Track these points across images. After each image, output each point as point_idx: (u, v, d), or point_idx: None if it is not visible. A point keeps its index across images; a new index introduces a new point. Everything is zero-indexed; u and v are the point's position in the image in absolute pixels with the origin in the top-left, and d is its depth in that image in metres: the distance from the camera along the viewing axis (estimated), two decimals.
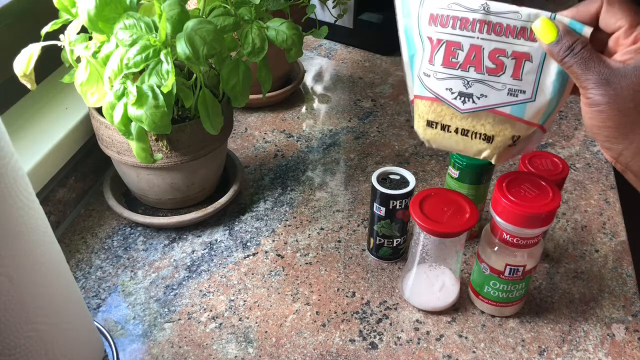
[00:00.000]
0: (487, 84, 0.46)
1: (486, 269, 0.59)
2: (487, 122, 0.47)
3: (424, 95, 0.49)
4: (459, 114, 0.48)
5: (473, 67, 0.46)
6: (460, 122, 0.48)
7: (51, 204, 0.70)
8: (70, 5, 0.59)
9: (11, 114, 0.71)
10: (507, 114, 0.46)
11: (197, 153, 0.67)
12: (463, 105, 0.47)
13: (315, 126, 0.92)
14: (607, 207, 0.76)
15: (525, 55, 0.44)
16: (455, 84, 0.47)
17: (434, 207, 0.57)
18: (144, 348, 0.58)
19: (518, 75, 0.45)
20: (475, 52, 0.45)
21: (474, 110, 0.47)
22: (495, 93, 0.46)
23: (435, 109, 0.49)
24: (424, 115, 0.49)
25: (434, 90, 0.48)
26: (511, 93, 0.45)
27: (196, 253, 0.69)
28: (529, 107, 0.46)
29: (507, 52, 0.44)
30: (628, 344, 0.59)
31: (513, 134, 0.47)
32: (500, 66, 0.45)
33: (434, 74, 0.47)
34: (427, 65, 0.48)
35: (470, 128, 0.48)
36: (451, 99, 0.47)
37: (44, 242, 0.44)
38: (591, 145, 0.88)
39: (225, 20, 0.61)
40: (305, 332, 0.60)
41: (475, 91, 0.46)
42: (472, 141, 0.48)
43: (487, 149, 0.48)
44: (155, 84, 0.57)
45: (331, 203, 0.77)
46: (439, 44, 0.46)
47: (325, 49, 1.14)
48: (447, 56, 0.46)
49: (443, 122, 0.49)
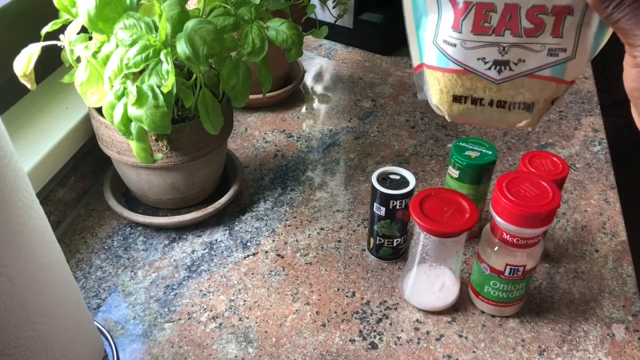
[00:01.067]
0: (525, 47, 0.41)
1: (486, 269, 0.59)
2: (526, 88, 0.42)
3: (447, 68, 0.43)
4: (495, 85, 0.42)
5: (509, 30, 0.40)
6: (496, 94, 0.43)
7: (51, 204, 0.70)
8: (70, 5, 0.59)
9: (11, 114, 0.71)
10: (547, 77, 0.41)
11: (197, 153, 0.67)
12: (499, 74, 0.42)
13: (315, 126, 0.92)
14: (607, 207, 0.76)
15: (567, 8, 0.39)
16: (490, 52, 0.41)
17: (434, 207, 0.57)
18: (144, 348, 0.58)
19: (558, 33, 0.40)
20: (510, 12, 0.40)
21: (512, 79, 0.42)
22: (534, 56, 0.41)
23: (464, 82, 0.43)
24: (449, 90, 0.44)
25: (461, 62, 0.42)
26: (551, 53, 0.41)
27: (196, 253, 0.69)
28: (569, 65, 0.41)
29: (547, 8, 0.39)
30: (628, 344, 0.59)
31: (552, 97, 0.42)
32: (540, 25, 0.40)
33: (461, 43, 0.42)
34: (449, 33, 0.42)
35: (507, 99, 0.43)
36: (484, 69, 0.42)
37: (44, 242, 0.44)
38: (591, 145, 0.88)
39: (225, 20, 0.62)
40: (305, 332, 0.60)
41: (512, 57, 0.41)
42: (510, 112, 0.43)
43: (527, 117, 0.43)
44: (155, 84, 0.57)
45: (331, 203, 0.77)
46: (466, 8, 0.41)
47: (325, 49, 1.14)
48: (477, 21, 0.40)
49: (474, 96, 0.43)
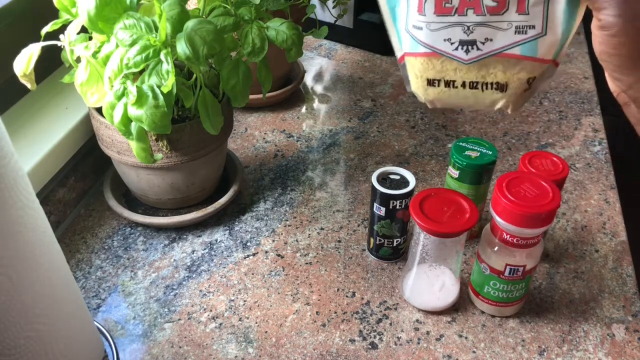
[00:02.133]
0: (490, 25, 0.41)
1: (486, 269, 0.59)
2: (497, 68, 0.42)
3: (417, 52, 0.43)
4: (464, 65, 0.42)
5: (472, 9, 0.40)
6: (467, 75, 0.42)
7: (51, 204, 0.70)
8: (70, 5, 0.59)
9: (11, 114, 0.71)
10: (518, 55, 0.41)
11: (197, 153, 0.67)
12: (467, 54, 0.42)
13: (315, 126, 0.92)
14: (607, 207, 0.76)
15: None
16: (454, 32, 0.41)
17: (434, 207, 0.57)
18: (144, 348, 0.58)
19: (524, 9, 0.40)
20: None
21: (480, 58, 0.42)
22: (502, 34, 0.41)
23: (434, 65, 0.43)
24: (422, 74, 0.44)
25: (429, 44, 0.42)
26: (519, 31, 0.40)
27: (196, 253, 0.69)
28: (540, 42, 0.40)
29: None
30: (628, 344, 0.59)
31: (528, 77, 0.42)
32: (503, 2, 0.40)
33: (426, 26, 0.42)
34: (416, 17, 0.42)
35: (479, 79, 0.42)
36: (452, 50, 0.42)
37: (44, 242, 0.44)
38: (591, 145, 0.88)
39: (225, 20, 0.62)
40: (305, 332, 0.60)
41: (478, 36, 0.41)
42: (484, 93, 0.43)
43: (501, 98, 0.43)
44: (155, 84, 0.57)
45: (331, 203, 0.77)
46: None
47: (325, 49, 1.14)
48: (439, 2, 0.41)
49: (446, 78, 0.43)
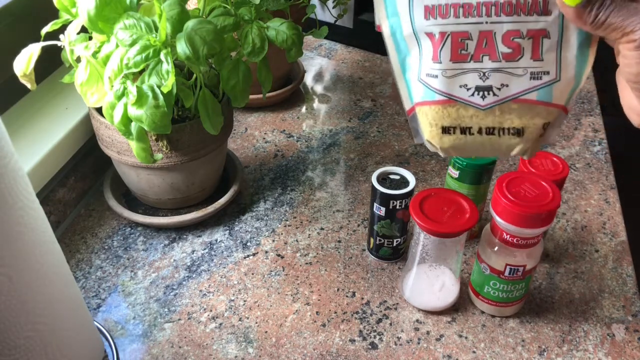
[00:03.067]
0: (506, 71, 0.41)
1: (486, 269, 0.59)
2: (514, 114, 0.42)
3: (432, 100, 0.44)
4: (480, 111, 0.42)
5: (487, 56, 0.41)
6: (483, 120, 0.43)
7: (51, 204, 0.70)
8: (70, 5, 0.59)
9: (11, 114, 0.71)
10: (534, 101, 0.41)
11: (197, 153, 0.67)
12: (483, 100, 0.42)
13: (315, 126, 0.92)
14: (607, 207, 0.76)
15: (542, 31, 0.40)
16: (470, 78, 0.42)
17: (434, 207, 0.57)
18: (144, 348, 0.58)
19: (538, 56, 0.40)
20: (486, 38, 0.41)
21: (497, 104, 0.42)
22: (517, 80, 0.41)
23: (450, 113, 0.43)
24: (437, 122, 0.44)
25: (445, 92, 0.43)
26: (534, 77, 0.41)
27: (196, 253, 0.69)
28: (555, 88, 0.41)
29: (522, 32, 0.40)
30: (628, 344, 0.59)
31: (543, 122, 0.42)
32: (518, 49, 0.40)
33: (442, 73, 0.42)
34: (431, 65, 0.43)
35: (496, 125, 0.42)
36: (468, 96, 0.42)
37: (44, 242, 0.44)
38: (591, 145, 0.88)
39: (225, 20, 0.61)
40: (305, 332, 0.60)
41: (494, 82, 0.42)
42: (501, 139, 0.43)
43: (518, 144, 0.43)
44: (155, 84, 0.57)
45: (331, 203, 0.77)
46: (442, 38, 0.41)
47: (325, 49, 1.14)
48: (455, 49, 0.41)
49: (462, 125, 0.43)
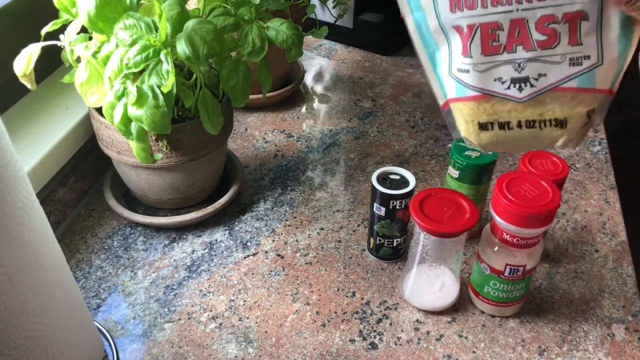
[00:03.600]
0: (542, 60, 0.39)
1: (486, 269, 0.59)
2: (554, 104, 0.40)
3: (466, 96, 0.41)
4: (519, 104, 0.40)
5: (521, 46, 0.39)
6: (522, 114, 0.40)
7: (51, 204, 0.70)
8: (70, 5, 0.59)
9: (11, 114, 0.71)
10: (575, 88, 0.39)
11: (197, 153, 0.67)
12: (520, 93, 0.40)
13: (315, 126, 0.92)
14: (607, 207, 0.76)
15: (579, 14, 0.37)
16: (505, 70, 0.39)
17: (434, 207, 0.57)
18: (144, 348, 0.58)
19: (576, 40, 0.38)
20: (519, 27, 0.38)
21: (536, 95, 0.40)
22: (555, 68, 0.39)
23: (485, 108, 0.41)
24: (473, 119, 0.42)
25: (478, 87, 0.41)
26: (574, 63, 0.38)
27: (196, 253, 0.69)
28: (598, 72, 0.38)
29: (557, 17, 0.37)
30: (628, 344, 0.59)
31: (587, 110, 0.40)
32: (553, 35, 0.38)
33: (473, 67, 0.40)
34: (461, 60, 0.41)
35: (536, 117, 0.40)
36: (504, 89, 0.40)
37: (44, 242, 0.44)
38: (591, 145, 0.88)
39: (225, 20, 0.62)
40: (305, 332, 0.60)
41: (530, 72, 0.39)
42: (542, 131, 0.41)
43: (562, 135, 0.41)
44: (155, 84, 0.57)
45: (331, 203, 0.77)
46: (471, 31, 0.39)
47: (325, 49, 1.14)
48: (485, 41, 0.39)
49: (500, 120, 0.41)
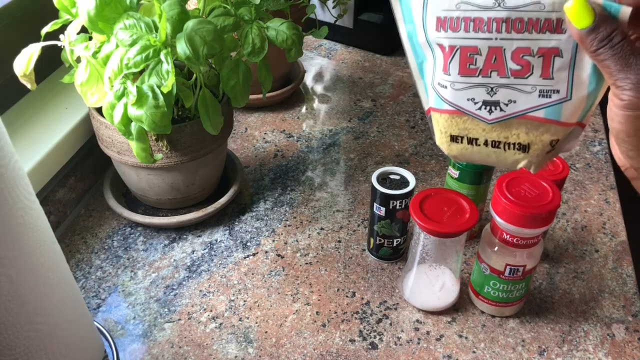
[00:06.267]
0: (514, 87, 0.41)
1: (486, 269, 0.59)
2: (520, 130, 0.42)
3: (442, 109, 0.44)
4: (487, 125, 0.42)
5: (496, 72, 0.40)
6: (490, 134, 0.43)
7: (51, 204, 0.70)
8: (70, 5, 0.59)
9: (11, 114, 0.71)
10: (542, 118, 0.41)
11: (197, 153, 0.67)
12: (490, 115, 0.42)
13: (315, 126, 0.92)
14: (607, 207, 0.76)
15: (554, 50, 0.39)
16: (478, 92, 0.42)
17: (434, 207, 0.57)
18: (144, 348, 0.58)
19: (548, 74, 0.40)
20: (495, 54, 0.40)
21: (504, 119, 0.42)
22: (525, 97, 0.41)
23: (458, 123, 0.43)
24: (446, 130, 0.44)
25: (453, 103, 0.43)
26: (543, 94, 0.40)
27: (196, 253, 0.69)
28: (565, 107, 0.40)
29: (532, 50, 0.39)
30: (628, 344, 0.59)
31: (551, 139, 0.42)
32: (527, 67, 0.40)
33: (451, 85, 0.42)
34: (441, 76, 0.43)
35: (501, 139, 0.43)
36: (475, 109, 0.42)
37: (44, 242, 0.44)
38: (591, 145, 0.88)
39: (225, 20, 0.61)
40: (305, 332, 0.60)
41: (501, 98, 0.41)
42: (506, 153, 0.43)
43: (523, 159, 0.43)
44: (155, 84, 0.57)
45: (331, 203, 0.77)
46: (452, 51, 0.41)
47: (325, 49, 1.14)
48: (463, 63, 0.41)
49: (469, 136, 0.43)
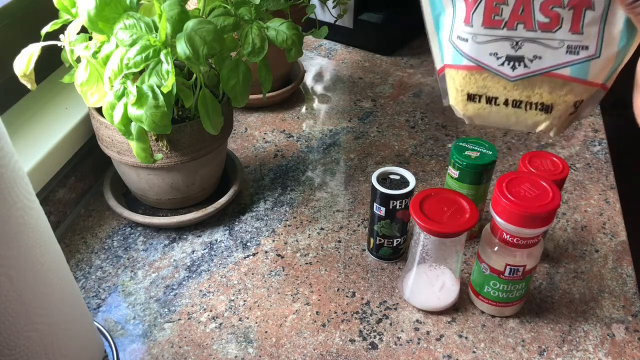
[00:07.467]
0: (540, 42, 0.39)
1: (486, 269, 0.59)
2: (543, 89, 0.40)
3: (460, 65, 0.41)
4: (509, 82, 0.40)
5: (522, 24, 0.38)
6: (511, 92, 0.41)
7: (51, 204, 0.70)
8: (70, 5, 0.59)
9: (11, 114, 0.72)
10: (567, 76, 0.39)
11: (197, 153, 0.67)
12: (513, 71, 0.40)
13: (315, 126, 0.92)
14: (607, 207, 0.76)
15: (586, 2, 0.37)
16: (502, 46, 0.39)
17: (434, 207, 0.57)
18: (144, 348, 0.58)
19: (578, 29, 0.38)
20: (523, 5, 0.38)
21: (527, 76, 0.40)
22: (551, 52, 0.39)
23: (477, 80, 0.41)
24: (463, 88, 0.42)
25: (474, 57, 0.41)
26: (571, 51, 0.38)
27: (196, 253, 0.69)
28: (593, 65, 0.38)
29: (563, 1, 0.37)
30: (628, 344, 0.59)
31: (575, 100, 0.40)
32: (556, 19, 0.38)
33: (472, 37, 0.40)
34: (462, 28, 0.40)
35: (523, 98, 0.41)
36: (497, 65, 0.40)
37: (44, 242, 0.44)
38: (591, 145, 0.88)
39: (225, 20, 0.62)
40: (305, 332, 0.60)
41: (526, 53, 0.39)
42: (527, 113, 0.41)
43: (545, 120, 0.41)
44: (155, 84, 0.57)
45: (331, 203, 0.77)
46: (476, 0, 0.39)
47: (325, 49, 1.14)
48: (488, 14, 0.39)
49: (489, 94, 0.41)
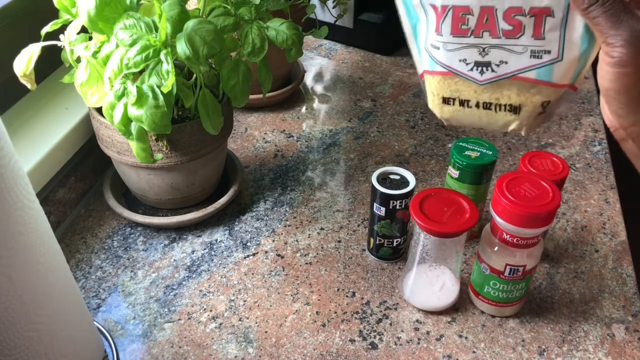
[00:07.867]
0: (505, 48, 0.41)
1: (486, 269, 0.59)
2: (511, 91, 0.43)
3: (434, 70, 0.44)
4: (479, 86, 0.43)
5: (487, 32, 0.41)
6: (481, 95, 0.43)
7: (51, 204, 0.70)
8: (70, 5, 0.59)
9: (11, 114, 0.72)
10: (533, 79, 0.42)
11: (197, 153, 0.67)
12: (481, 75, 0.43)
13: (315, 126, 0.92)
14: (607, 207, 0.76)
15: (545, 10, 0.39)
16: (470, 53, 0.42)
17: (434, 207, 0.57)
18: (144, 348, 0.58)
19: (540, 34, 0.40)
20: (487, 14, 0.41)
21: (495, 80, 0.42)
22: (516, 57, 0.41)
23: (450, 84, 0.44)
24: (438, 92, 0.45)
25: (445, 64, 0.43)
26: (534, 55, 0.41)
27: (196, 253, 0.69)
28: (556, 67, 0.41)
29: (524, 10, 0.39)
30: (628, 344, 0.59)
31: (542, 100, 0.42)
32: (518, 26, 0.40)
33: (443, 46, 0.43)
34: (434, 37, 0.43)
35: (492, 100, 0.43)
36: (467, 70, 0.43)
37: (44, 242, 0.44)
38: (591, 145, 0.88)
39: (225, 20, 0.62)
40: (305, 332, 0.60)
41: (493, 58, 0.42)
42: (497, 114, 0.44)
43: (514, 120, 0.43)
44: (155, 84, 0.57)
45: (331, 203, 0.77)
46: (444, 11, 0.41)
47: (325, 49, 1.14)
48: (455, 24, 0.41)
49: (461, 97, 0.44)
